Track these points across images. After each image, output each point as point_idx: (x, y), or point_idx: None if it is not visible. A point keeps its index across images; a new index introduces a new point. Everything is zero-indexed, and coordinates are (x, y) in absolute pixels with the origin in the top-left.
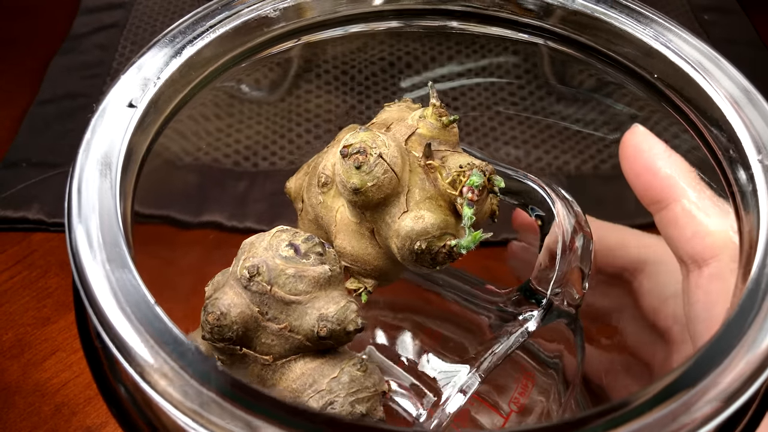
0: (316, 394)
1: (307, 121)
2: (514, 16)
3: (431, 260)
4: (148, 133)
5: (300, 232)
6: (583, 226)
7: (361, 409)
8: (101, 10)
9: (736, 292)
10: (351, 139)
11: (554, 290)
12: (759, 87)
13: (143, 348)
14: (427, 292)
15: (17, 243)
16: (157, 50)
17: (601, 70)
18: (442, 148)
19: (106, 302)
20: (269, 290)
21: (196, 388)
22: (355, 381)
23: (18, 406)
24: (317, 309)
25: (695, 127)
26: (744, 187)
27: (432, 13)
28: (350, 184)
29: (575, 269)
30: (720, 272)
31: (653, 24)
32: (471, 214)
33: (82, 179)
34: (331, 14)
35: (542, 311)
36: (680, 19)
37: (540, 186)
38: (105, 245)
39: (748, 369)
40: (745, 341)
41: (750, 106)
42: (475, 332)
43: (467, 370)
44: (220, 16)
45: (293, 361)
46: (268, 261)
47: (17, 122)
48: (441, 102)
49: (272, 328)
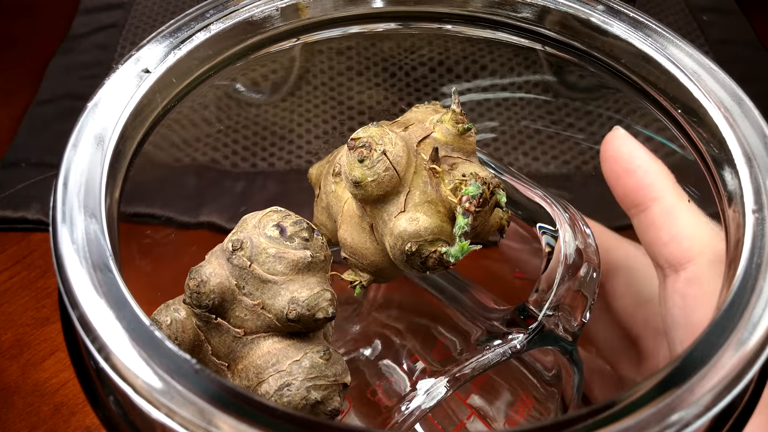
0: (276, 373)
1: (308, 122)
2: (509, 20)
3: (421, 264)
4: (140, 129)
5: (292, 215)
6: (590, 256)
7: (316, 395)
8: (100, 11)
9: (722, 292)
10: (360, 133)
11: (547, 313)
12: (756, 87)
13: (127, 354)
14: (430, 296)
15: (16, 243)
16: (156, 44)
17: (597, 75)
18: (454, 155)
19: (88, 305)
20: (248, 266)
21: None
22: (315, 367)
23: (17, 406)
24: (291, 292)
25: (684, 131)
26: (731, 189)
27: (429, 16)
28: (351, 176)
29: (578, 296)
30: (697, 276)
31: (646, 29)
32: (464, 223)
33: (68, 179)
34: (330, 15)
35: (528, 334)
36: (679, 20)
37: (549, 206)
38: (89, 249)
39: (735, 367)
40: (732, 339)
41: (740, 114)
42: (464, 342)
43: (443, 379)
44: (218, 14)
45: (262, 338)
46: (253, 238)
47: (16, 122)
48: (461, 109)
49: (247, 302)
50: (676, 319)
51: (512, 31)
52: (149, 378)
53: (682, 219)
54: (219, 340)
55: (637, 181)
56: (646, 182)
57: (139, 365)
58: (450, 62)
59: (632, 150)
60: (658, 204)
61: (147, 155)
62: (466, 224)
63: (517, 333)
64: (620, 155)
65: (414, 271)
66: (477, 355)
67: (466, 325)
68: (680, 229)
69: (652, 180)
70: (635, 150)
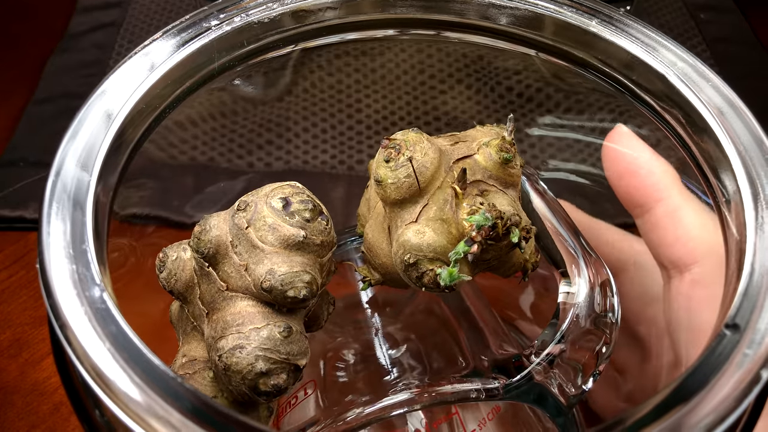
0: (237, 333)
1: (305, 120)
2: (507, 27)
3: (417, 278)
4: (139, 129)
5: (304, 194)
6: (601, 328)
7: (262, 366)
8: (98, 9)
9: (725, 303)
10: (398, 135)
11: (536, 367)
12: (754, 85)
13: (109, 366)
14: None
15: (14, 242)
16: (160, 43)
17: (593, 81)
18: (490, 182)
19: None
20: (245, 228)
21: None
22: (271, 340)
23: (16, 405)
24: (273, 263)
25: (679, 136)
26: (731, 195)
27: (426, 22)
28: (375, 173)
29: (583, 358)
30: (702, 278)
31: (638, 34)
32: (462, 250)
33: (59, 176)
34: (327, 22)
35: (505, 383)
36: (676, 18)
37: (574, 260)
38: (75, 253)
39: (740, 384)
40: (735, 356)
41: (735, 117)
42: (450, 367)
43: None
44: (216, 19)
45: (240, 297)
46: (259, 204)
47: (14, 121)
48: (512, 138)
49: (235, 261)
50: (680, 321)
51: (510, 38)
52: (130, 390)
53: (687, 220)
54: (207, 288)
55: (641, 180)
56: (650, 182)
57: (120, 378)
58: (541, 96)
59: (635, 148)
60: (663, 204)
61: (144, 154)
62: (465, 251)
63: (499, 378)
64: (622, 154)
65: (411, 283)
66: (452, 384)
67: (461, 352)
68: (685, 231)
69: (656, 180)
70: (638, 148)
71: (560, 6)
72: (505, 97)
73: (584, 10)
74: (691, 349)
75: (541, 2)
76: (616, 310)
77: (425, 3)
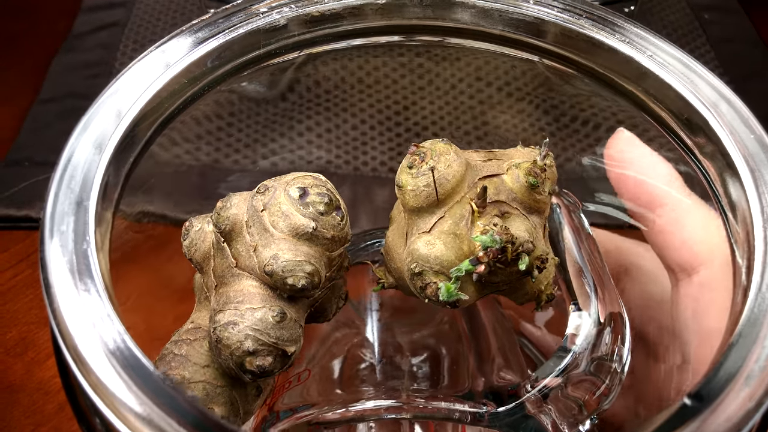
0: (234, 310)
1: (308, 119)
2: (509, 33)
3: (420, 288)
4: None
5: (324, 187)
6: (601, 377)
7: (249, 346)
8: (102, 9)
9: (733, 313)
10: (426, 143)
11: (530, 397)
12: (759, 85)
13: (108, 376)
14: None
15: (21, 241)
16: (175, 42)
17: (593, 85)
18: (513, 205)
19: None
20: (260, 211)
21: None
22: (263, 322)
23: (21, 403)
24: (279, 249)
25: (682, 141)
26: (736, 200)
27: (430, 29)
28: (397, 177)
29: (583, 399)
30: (710, 281)
31: (634, 36)
32: (465, 267)
33: (65, 175)
34: (333, 28)
35: (492, 410)
36: (680, 19)
37: (586, 299)
38: (76, 254)
39: (753, 396)
40: (745, 367)
41: (737, 119)
42: (451, 384)
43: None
44: (223, 25)
45: (246, 277)
46: (278, 189)
47: (19, 121)
48: (543, 164)
49: (247, 240)
50: (688, 324)
51: (514, 44)
52: (128, 400)
53: (693, 223)
54: (220, 262)
55: (645, 184)
56: (654, 186)
57: (119, 388)
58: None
59: (638, 151)
60: (668, 209)
61: (150, 154)
62: (468, 270)
63: (489, 404)
64: (626, 159)
65: (416, 292)
66: (441, 402)
67: (467, 371)
68: (691, 234)
69: (660, 184)
70: (641, 151)
71: (578, 17)
72: (569, 127)
73: (582, 15)
74: (699, 351)
75: (543, 8)
76: (623, 360)
77: (429, 10)
